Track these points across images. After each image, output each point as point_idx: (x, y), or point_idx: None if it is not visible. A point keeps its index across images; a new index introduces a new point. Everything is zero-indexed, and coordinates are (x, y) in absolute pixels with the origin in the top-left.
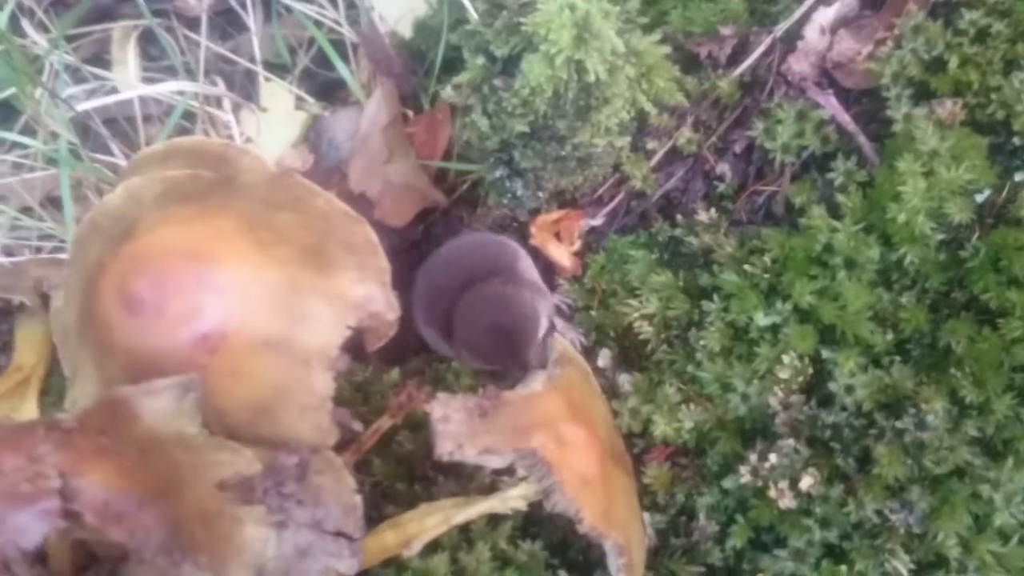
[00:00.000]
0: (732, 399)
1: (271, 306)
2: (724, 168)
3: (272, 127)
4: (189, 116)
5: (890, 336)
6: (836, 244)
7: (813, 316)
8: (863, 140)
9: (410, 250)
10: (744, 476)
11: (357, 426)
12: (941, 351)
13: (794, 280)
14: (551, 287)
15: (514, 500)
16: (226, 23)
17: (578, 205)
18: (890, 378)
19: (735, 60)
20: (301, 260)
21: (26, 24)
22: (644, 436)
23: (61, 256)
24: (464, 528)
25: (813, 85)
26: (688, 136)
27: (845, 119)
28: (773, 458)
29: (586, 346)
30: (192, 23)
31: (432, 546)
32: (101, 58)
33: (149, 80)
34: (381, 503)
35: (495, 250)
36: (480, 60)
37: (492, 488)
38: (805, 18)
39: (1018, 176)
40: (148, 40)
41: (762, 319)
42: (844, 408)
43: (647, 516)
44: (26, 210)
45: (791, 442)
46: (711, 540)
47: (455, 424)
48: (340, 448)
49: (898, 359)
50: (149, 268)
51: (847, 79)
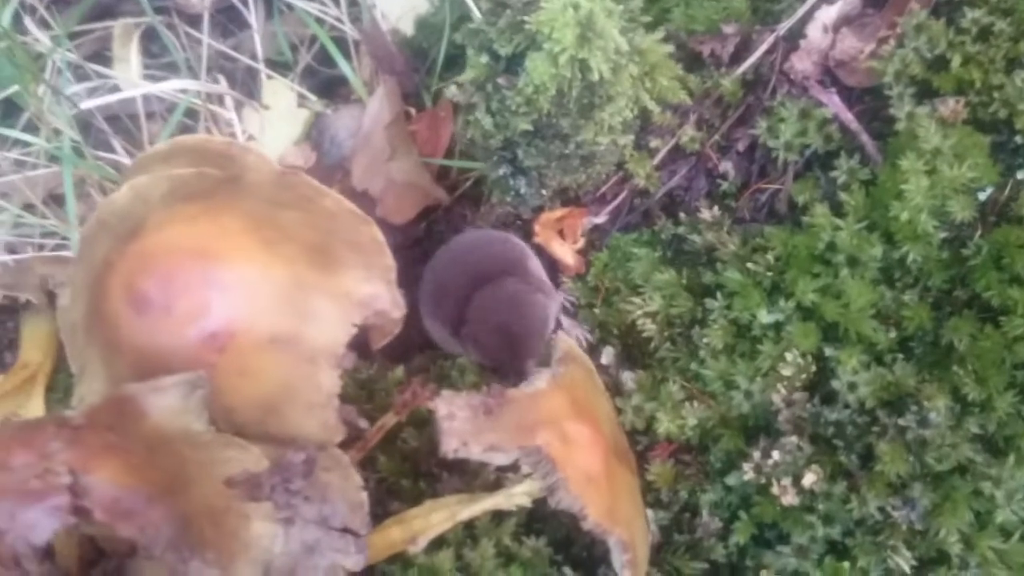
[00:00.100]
0: (735, 396)
1: (278, 304)
2: (727, 166)
3: (274, 125)
4: (191, 114)
5: (893, 334)
6: (839, 242)
7: (816, 314)
8: (866, 138)
9: (412, 247)
10: (747, 473)
11: (363, 423)
12: (943, 349)
13: (797, 278)
14: (555, 285)
15: (519, 497)
16: (228, 20)
17: (581, 203)
18: (892, 375)
19: (738, 58)
20: (307, 259)
21: (28, 21)
22: (648, 433)
23: (65, 253)
24: (469, 524)
25: (816, 83)
26: (691, 134)
27: (848, 117)
28: (776, 455)
29: (590, 343)
30: (194, 20)
31: (437, 542)
32: (102, 55)
33: (151, 77)
34: (386, 499)
35: (501, 248)
36: (484, 58)
37: (497, 485)
38: (808, 16)
39: (1020, 174)
40: (149, 37)
41: (765, 317)
42: (847, 405)
43: (651, 513)
44: (29, 207)
45: (794, 439)
46: (714, 536)
47: (460, 422)
48: (345, 445)
49: (900, 357)
50: (156, 267)
51: (850, 77)
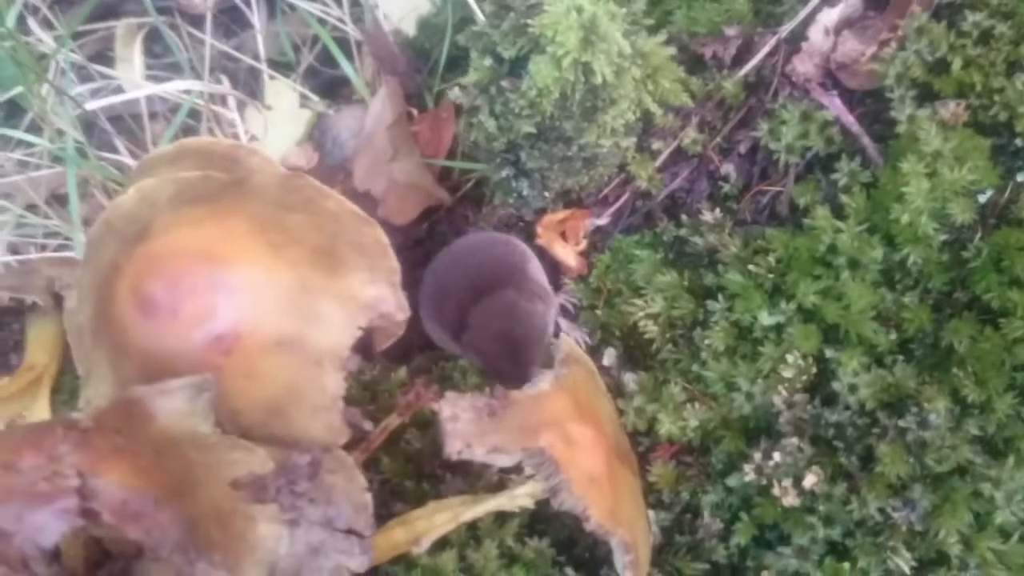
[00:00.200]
0: (736, 398)
1: (283, 307)
2: (729, 168)
3: (276, 125)
4: (194, 114)
5: (893, 336)
6: (840, 244)
7: (817, 316)
8: (867, 141)
9: (414, 248)
10: (748, 474)
11: (367, 425)
12: (943, 351)
13: (798, 280)
14: (557, 286)
15: (522, 498)
16: (230, 21)
17: (584, 205)
18: (893, 377)
19: (739, 61)
20: (312, 261)
21: (32, 22)
22: (649, 435)
23: (68, 254)
24: (472, 525)
25: (817, 86)
26: (693, 136)
27: (849, 120)
28: (777, 456)
29: (591, 345)
30: (196, 20)
31: (440, 543)
32: (105, 55)
33: (153, 78)
34: (390, 501)
35: (503, 250)
36: (487, 61)
37: (500, 486)
38: (809, 19)
39: (1020, 177)
40: (152, 37)
41: (766, 319)
42: (847, 407)
43: (652, 514)
44: (32, 208)
45: (795, 441)
46: (715, 537)
47: (464, 423)
48: (350, 447)
49: (901, 359)
50: (163, 270)
51: (851, 80)
